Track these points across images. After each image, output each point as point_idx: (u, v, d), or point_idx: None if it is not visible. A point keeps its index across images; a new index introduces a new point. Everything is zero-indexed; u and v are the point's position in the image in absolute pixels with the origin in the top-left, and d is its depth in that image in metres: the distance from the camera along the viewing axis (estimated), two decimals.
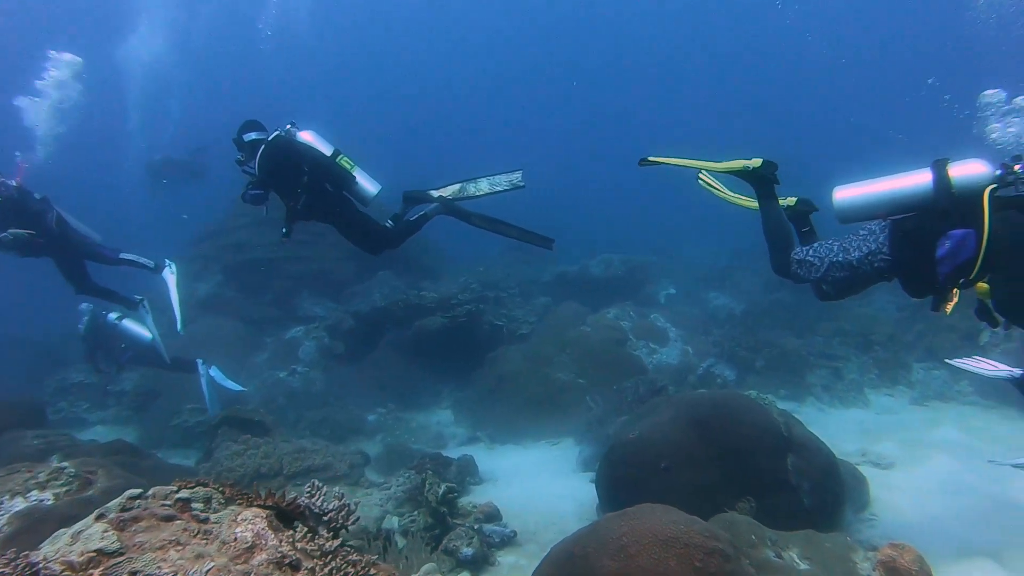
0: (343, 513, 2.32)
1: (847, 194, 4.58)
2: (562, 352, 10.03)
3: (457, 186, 6.21)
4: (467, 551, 5.08)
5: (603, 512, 5.31)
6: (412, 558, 4.90)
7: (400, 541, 5.38)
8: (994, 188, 4.11)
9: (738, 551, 2.96)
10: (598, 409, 8.74)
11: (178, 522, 1.99)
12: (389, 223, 6.12)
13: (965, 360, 5.44)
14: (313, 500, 2.29)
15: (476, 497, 6.63)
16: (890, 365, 10.88)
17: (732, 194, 5.30)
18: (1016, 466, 5.39)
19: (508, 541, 5.55)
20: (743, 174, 5.08)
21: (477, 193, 6.21)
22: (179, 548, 1.87)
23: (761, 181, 5.05)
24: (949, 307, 4.31)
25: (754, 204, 5.13)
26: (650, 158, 5.15)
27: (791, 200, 5.24)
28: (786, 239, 4.98)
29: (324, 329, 12.07)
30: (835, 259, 4.66)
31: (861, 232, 4.66)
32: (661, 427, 5.44)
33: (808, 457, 5.51)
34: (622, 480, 5.29)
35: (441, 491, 5.50)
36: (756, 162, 5.02)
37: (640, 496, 5.16)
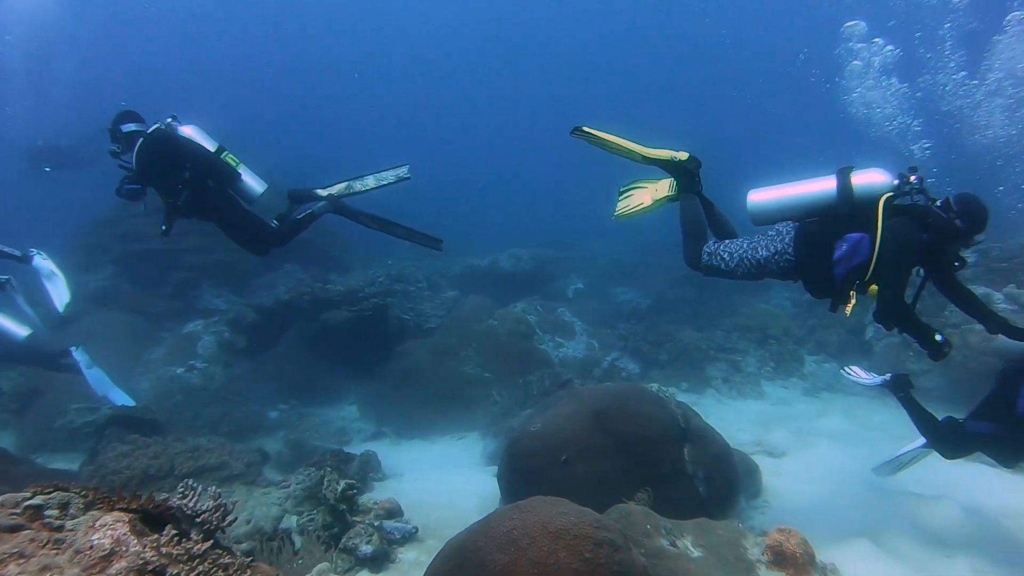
0: (218, 514, 2.20)
1: (760, 197, 4.81)
2: (468, 346, 10.00)
3: (344, 184, 6.10)
4: (366, 549, 4.97)
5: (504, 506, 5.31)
6: (306, 558, 4.77)
7: (298, 541, 5.22)
8: (891, 196, 4.36)
9: (629, 541, 2.99)
10: (503, 403, 8.76)
11: (25, 532, 1.83)
12: (275, 223, 5.91)
13: (852, 372, 5.91)
14: (185, 501, 2.16)
15: (379, 493, 6.52)
16: (785, 358, 11.37)
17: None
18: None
19: (410, 537, 5.47)
20: (668, 165, 5.19)
21: (364, 189, 6.13)
22: (21, 561, 1.71)
23: (684, 175, 5.19)
24: (848, 309, 4.52)
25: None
26: (584, 128, 5.15)
27: (682, 155, 5.21)
28: (700, 233, 5.14)
29: (225, 323, 11.60)
30: (744, 256, 4.85)
31: (770, 232, 4.85)
32: (562, 420, 5.48)
33: (704, 447, 5.66)
34: (523, 473, 5.28)
35: (340, 488, 5.36)
36: (683, 155, 5.16)
37: (540, 489, 5.16)
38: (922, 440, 5.56)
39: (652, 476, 5.23)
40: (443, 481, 7.00)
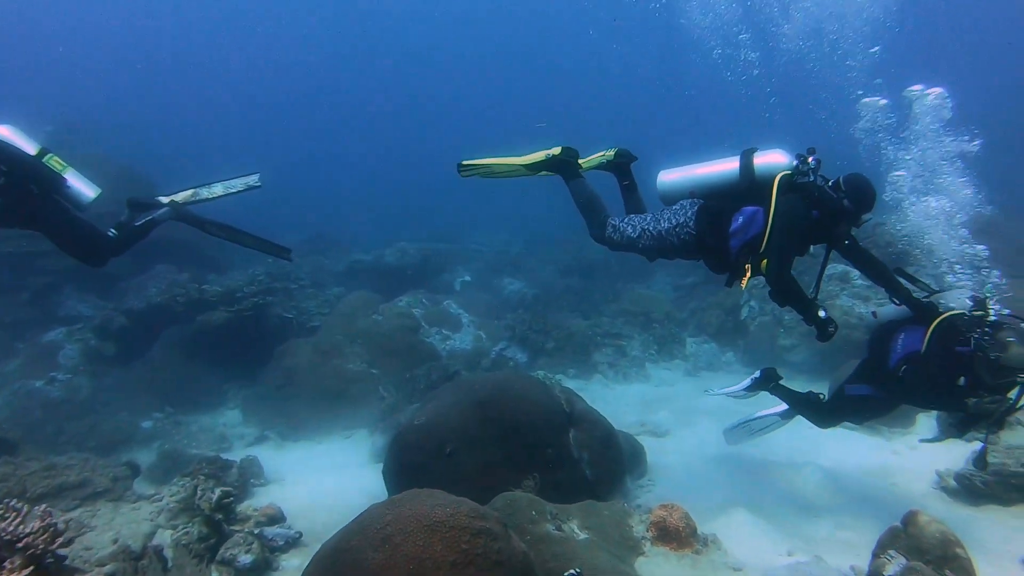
0: (45, 536, 1.99)
1: (669, 177, 5.00)
2: (353, 342, 9.76)
3: (190, 191, 5.79)
4: (246, 559, 4.73)
5: None
6: (177, 574, 4.49)
7: (171, 557, 4.91)
8: (787, 174, 4.50)
9: (508, 529, 2.96)
10: (391, 398, 8.62)
11: None
12: (112, 231, 5.45)
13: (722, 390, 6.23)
14: (3, 525, 1.94)
15: (261, 499, 6.24)
16: (667, 341, 11.72)
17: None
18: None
19: (293, 543, 5.25)
20: (548, 163, 5.29)
21: (211, 197, 5.84)
22: None
23: (564, 166, 5.29)
24: (744, 282, 4.64)
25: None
26: (465, 162, 5.31)
27: (609, 153, 5.48)
28: (598, 210, 5.24)
29: (91, 330, 10.82)
30: (647, 227, 4.98)
31: (674, 207, 4.97)
32: (445, 411, 5.41)
33: (589, 431, 5.74)
34: (408, 468, 5.19)
35: (216, 497, 5.08)
36: (556, 150, 5.30)
37: (426, 483, 5.07)
38: (775, 410, 5.84)
39: (538, 462, 5.25)
40: (330, 482, 6.79)
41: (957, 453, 5.95)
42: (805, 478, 5.99)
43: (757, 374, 5.85)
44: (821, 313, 4.44)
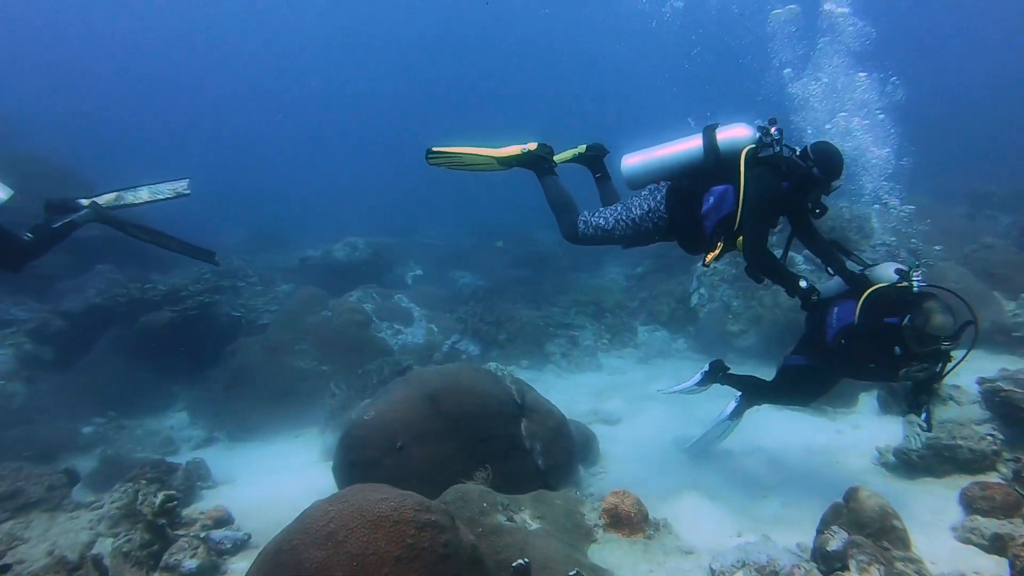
0: None
1: (633, 161, 4.90)
2: (302, 339, 9.59)
3: (113, 195, 5.61)
4: (190, 564, 4.58)
5: None
6: None
7: (112, 566, 4.74)
8: (752, 148, 4.52)
9: (456, 521, 2.91)
10: (342, 395, 8.48)
11: None
12: (28, 235, 5.20)
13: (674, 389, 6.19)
14: None
15: (208, 502, 6.08)
16: (619, 330, 11.81)
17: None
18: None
19: (242, 545, 5.11)
20: (522, 159, 5.18)
21: (136, 202, 5.70)
22: None
23: (538, 161, 5.18)
24: (710, 257, 4.64)
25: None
26: (435, 148, 5.14)
27: (581, 148, 5.41)
28: (570, 208, 5.12)
29: (25, 334, 10.39)
30: (619, 217, 4.90)
31: (643, 192, 4.92)
32: (395, 406, 5.33)
33: (540, 420, 5.72)
34: (357, 465, 5.09)
35: (159, 501, 4.91)
36: (532, 145, 5.18)
37: (376, 478, 4.99)
38: (726, 413, 5.94)
39: (490, 453, 5.20)
40: (280, 482, 6.66)
41: (896, 430, 6.11)
42: (753, 460, 6.10)
43: (706, 368, 5.88)
44: (803, 283, 4.51)
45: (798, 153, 4.54)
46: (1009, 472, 5.12)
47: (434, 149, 5.15)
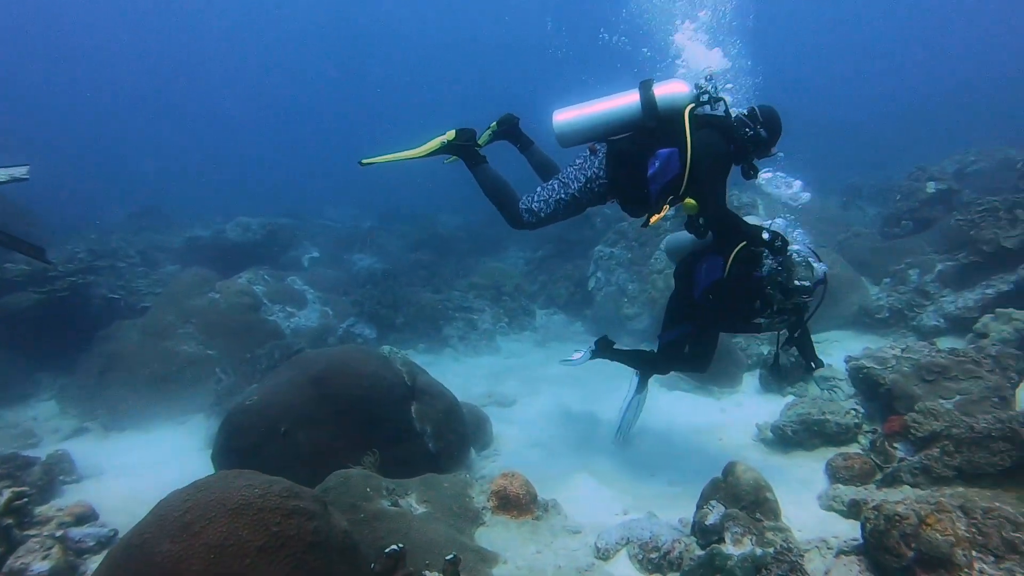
0: None
1: (565, 117, 4.63)
2: (187, 323, 9.11)
3: None
4: (41, 566, 4.19)
5: None
6: None
7: None
8: (693, 107, 4.43)
9: (328, 507, 2.79)
10: (229, 380, 8.14)
11: None
12: None
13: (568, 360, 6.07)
14: None
15: (71, 497, 5.66)
16: (518, 313, 11.85)
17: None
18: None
19: (107, 543, 4.74)
20: (446, 150, 4.92)
21: None
22: None
23: (463, 150, 4.92)
24: (655, 219, 4.56)
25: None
26: (364, 161, 4.88)
27: (493, 126, 5.20)
28: (507, 195, 4.85)
29: None
30: (559, 197, 4.69)
31: (576, 161, 4.73)
32: (280, 389, 5.14)
33: (431, 403, 5.65)
34: (238, 451, 4.88)
35: (4, 499, 4.51)
36: (449, 135, 4.91)
37: (257, 465, 4.79)
38: (631, 392, 5.97)
39: (379, 437, 5.10)
40: (158, 473, 6.28)
41: (775, 408, 6.37)
42: (642, 440, 6.22)
43: (591, 346, 5.89)
44: (765, 235, 4.46)
45: (745, 114, 4.52)
46: (867, 443, 5.44)
47: (363, 162, 4.90)
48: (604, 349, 5.83)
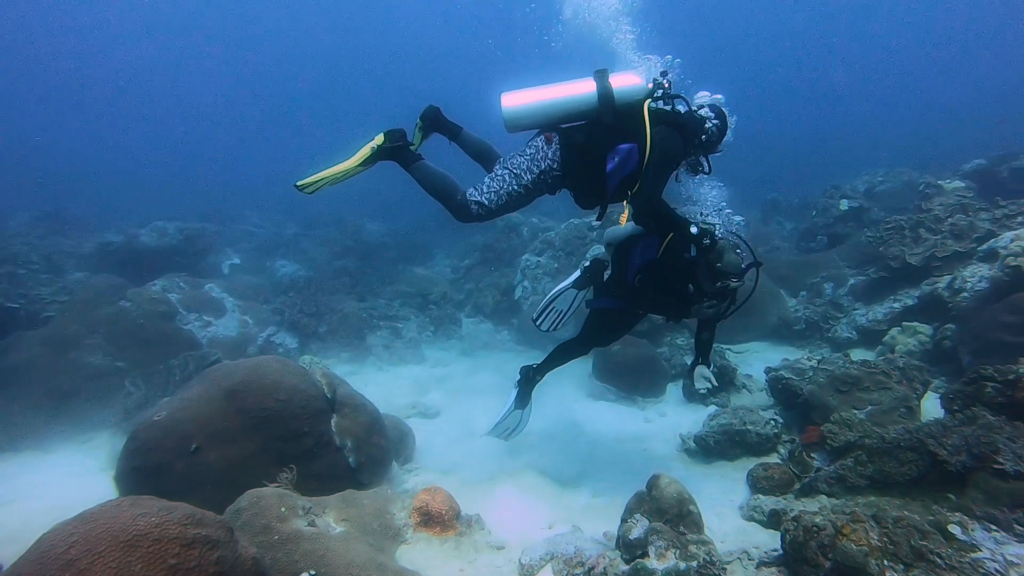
0: None
1: (515, 101, 4.40)
2: (94, 333, 8.64)
3: None
4: None
5: None
6: None
7: None
8: (652, 103, 4.36)
9: (234, 533, 2.63)
10: (139, 393, 7.72)
11: None
12: None
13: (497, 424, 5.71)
14: None
15: None
16: (444, 322, 11.71)
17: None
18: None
19: None
20: (377, 156, 4.63)
21: None
22: None
23: (395, 152, 4.66)
24: (624, 219, 4.55)
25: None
26: (299, 183, 4.53)
27: (417, 123, 4.89)
28: (449, 189, 4.56)
29: None
30: (509, 188, 4.46)
31: (527, 152, 4.50)
32: (191, 404, 4.89)
33: (352, 416, 5.48)
34: (143, 471, 4.61)
35: None
36: (378, 139, 4.65)
37: (165, 486, 4.58)
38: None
39: (297, 452, 4.92)
40: (56, 496, 5.89)
41: (698, 418, 6.45)
42: (566, 451, 6.20)
43: (515, 387, 5.62)
44: (693, 229, 4.42)
45: (703, 109, 4.52)
46: (786, 452, 5.56)
47: (299, 184, 4.56)
48: (529, 380, 5.59)
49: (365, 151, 4.66)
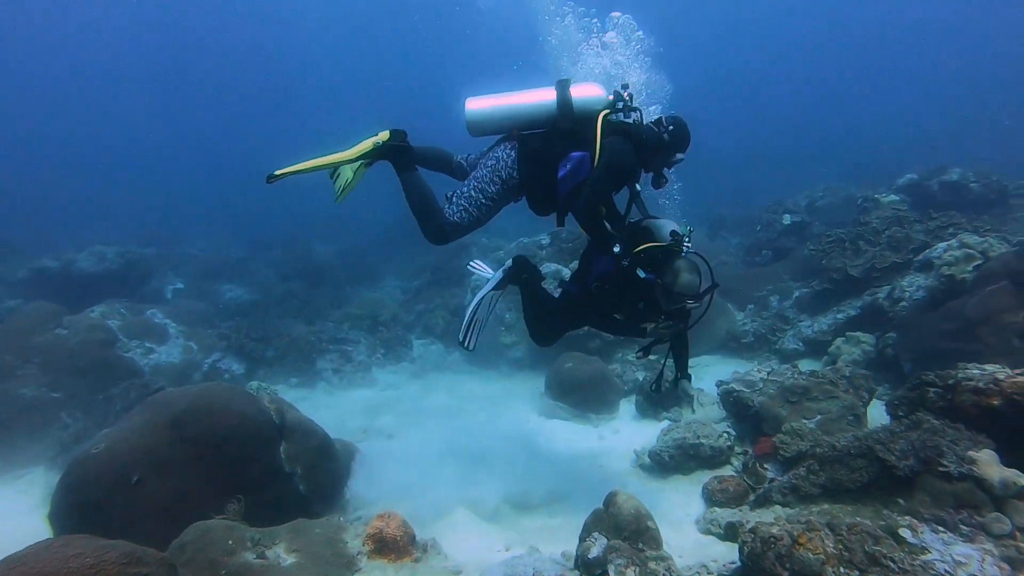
0: None
1: (479, 105, 4.50)
2: (28, 362, 8.28)
3: None
4: None
5: None
6: None
7: None
8: (607, 113, 4.41)
9: (175, 570, 2.52)
10: (77, 425, 7.45)
11: None
12: None
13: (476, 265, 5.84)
14: None
15: None
16: (394, 344, 11.59)
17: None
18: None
19: None
20: (378, 152, 4.60)
21: None
22: None
23: (394, 151, 4.63)
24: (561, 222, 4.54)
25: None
26: (276, 172, 4.31)
27: (383, 135, 4.72)
28: (431, 210, 4.56)
29: None
30: (479, 201, 4.54)
31: (488, 164, 4.57)
32: (132, 434, 4.71)
33: (302, 442, 5.36)
34: (80, 508, 4.40)
35: None
36: (384, 135, 4.62)
37: (104, 522, 4.38)
38: (486, 287, 5.47)
39: (245, 482, 4.78)
40: None
41: (652, 433, 6.48)
42: (521, 470, 6.12)
43: (509, 263, 5.44)
44: (616, 248, 4.43)
45: (652, 121, 4.56)
46: (740, 464, 5.62)
47: (276, 173, 4.33)
48: (520, 273, 5.35)
49: (366, 145, 4.64)
